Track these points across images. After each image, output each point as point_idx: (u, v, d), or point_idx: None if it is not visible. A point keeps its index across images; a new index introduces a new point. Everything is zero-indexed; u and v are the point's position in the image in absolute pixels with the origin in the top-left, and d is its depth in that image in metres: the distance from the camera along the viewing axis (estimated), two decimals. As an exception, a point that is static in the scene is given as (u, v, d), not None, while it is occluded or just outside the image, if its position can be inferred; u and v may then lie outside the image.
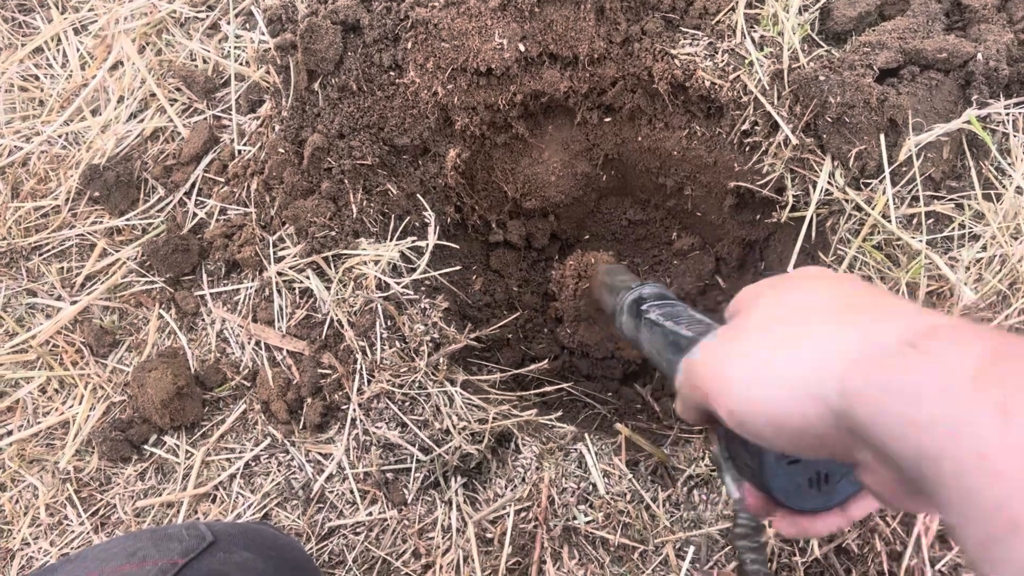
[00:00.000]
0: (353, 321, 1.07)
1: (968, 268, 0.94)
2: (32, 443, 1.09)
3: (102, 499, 1.06)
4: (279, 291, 1.11)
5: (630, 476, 1.02)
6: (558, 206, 1.34)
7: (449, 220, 1.23)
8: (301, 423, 1.07)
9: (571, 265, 1.32)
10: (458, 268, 1.12)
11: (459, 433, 1.02)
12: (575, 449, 1.05)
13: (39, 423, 1.09)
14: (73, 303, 1.13)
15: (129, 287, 1.15)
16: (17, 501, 1.07)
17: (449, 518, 1.01)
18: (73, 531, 1.05)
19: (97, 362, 1.12)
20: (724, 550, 0.97)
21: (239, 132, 1.17)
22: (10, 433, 1.09)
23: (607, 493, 1.01)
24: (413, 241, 1.10)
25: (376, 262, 1.07)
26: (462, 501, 1.02)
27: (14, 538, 1.05)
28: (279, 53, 1.12)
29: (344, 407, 1.06)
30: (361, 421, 1.04)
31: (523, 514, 1.00)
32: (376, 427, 1.04)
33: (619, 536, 0.99)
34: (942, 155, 1.03)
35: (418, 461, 1.02)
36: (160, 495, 1.05)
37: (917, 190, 1.03)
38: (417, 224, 1.15)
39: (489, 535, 1.00)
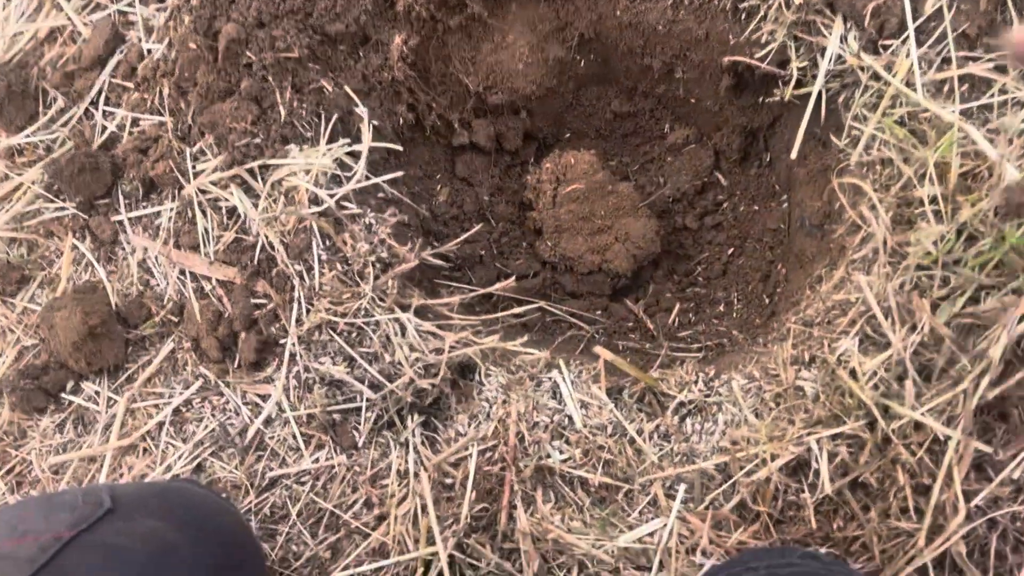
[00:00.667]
0: (287, 242, 0.92)
1: (1011, 141, 0.77)
2: (-63, 396, 0.96)
3: (16, 455, 0.94)
4: (202, 211, 0.96)
5: (611, 406, 0.88)
6: (530, 99, 1.16)
7: (402, 121, 1.07)
8: (235, 361, 0.93)
9: (548, 169, 1.15)
10: (401, 174, 0.96)
11: (412, 366, 0.88)
12: (548, 378, 0.91)
13: (-57, 373, 0.97)
14: (-26, 236, 0.99)
15: (37, 215, 1.01)
16: (-75, 461, 0.95)
17: (405, 462, 0.88)
18: (-13, 492, 0.93)
19: (4, 302, 0.99)
20: (721, 487, 0.83)
21: (146, 28, 1.01)
22: (-88, 386, 0.96)
23: (585, 427, 0.87)
24: (350, 145, 0.94)
25: (308, 171, 0.92)
26: (419, 442, 0.88)
27: (-77, 502, 0.94)
28: (181, -72, 0.95)
29: (282, 341, 0.92)
30: (301, 356, 0.91)
31: (489, 454, 0.87)
32: (319, 363, 0.90)
33: (600, 475, 0.86)
34: (978, 6, 0.85)
35: (368, 400, 0.88)
36: (80, 448, 0.93)
37: (948, 50, 0.85)
38: (358, 126, 0.99)
39: (450, 480, 0.86)
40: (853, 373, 0.79)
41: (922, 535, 0.74)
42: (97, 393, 0.95)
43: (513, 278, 0.95)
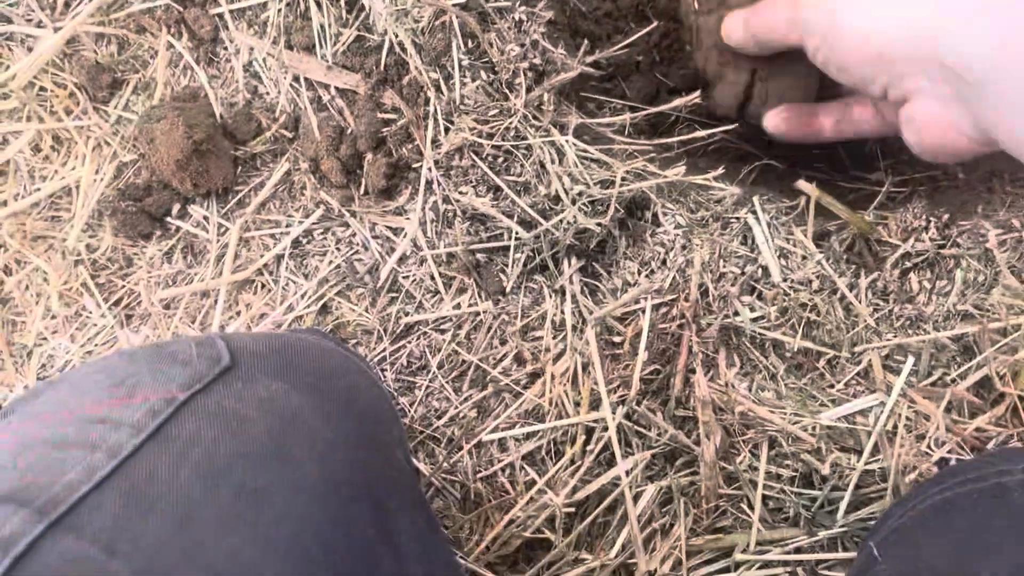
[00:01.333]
0: (420, 43, 0.75)
1: None
2: (33, 215, 0.86)
3: (124, 285, 0.84)
4: (318, 2, 0.79)
5: (819, 256, 0.72)
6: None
7: None
8: (362, 187, 0.79)
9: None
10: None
11: (573, 202, 0.72)
12: (738, 219, 0.75)
13: (37, 190, 0.86)
14: (56, 30, 0.85)
15: (125, 6, 0.85)
16: (27, 288, 0.86)
17: (562, 312, 0.75)
18: (95, 324, 0.84)
19: (97, 109, 0.86)
20: (959, 364, 0.67)
21: None
22: (5, 204, 0.86)
23: (784, 280, 0.72)
24: (500, -85, 0.74)
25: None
26: (579, 291, 0.74)
27: (29, 332, 0.85)
28: None
29: (416, 165, 0.77)
30: (440, 184, 0.76)
31: (664, 310, 0.73)
32: (460, 192, 0.75)
33: (800, 338, 0.71)
34: None
35: (518, 238, 0.74)
36: (191, 281, 0.82)
37: None
38: None
39: (618, 338, 0.73)
40: None
41: None
42: (206, 219, 0.83)
43: (697, 94, 0.77)
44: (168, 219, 0.84)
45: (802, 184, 0.73)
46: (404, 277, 0.78)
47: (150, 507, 0.41)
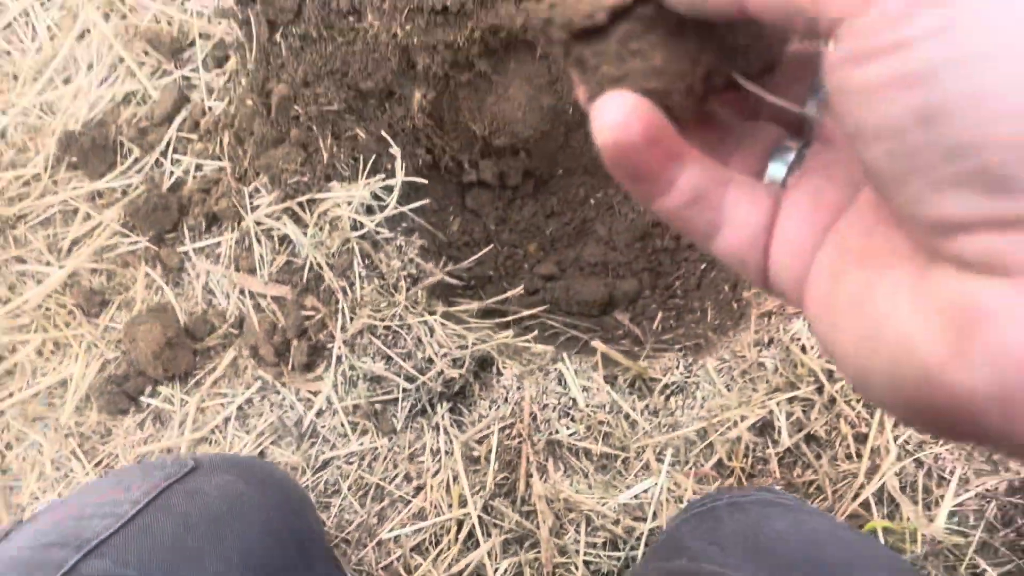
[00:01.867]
0: (332, 263, 1.10)
1: None
2: (33, 403, 1.13)
3: (104, 450, 1.10)
4: (258, 240, 1.14)
5: (608, 389, 1.06)
6: (528, 142, 1.36)
7: (421, 162, 1.26)
8: (289, 364, 1.11)
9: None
10: (427, 201, 1.15)
11: (441, 359, 1.05)
12: (554, 369, 1.09)
13: (38, 383, 1.13)
14: (61, 267, 1.17)
15: (115, 248, 1.18)
16: (24, 459, 1.12)
17: (437, 441, 1.05)
18: (79, 481, 1.09)
19: (89, 321, 1.16)
20: (700, 449, 1.00)
21: (208, 89, 1.20)
22: (11, 395, 1.13)
23: (587, 406, 1.05)
24: (383, 179, 1.13)
25: (349, 203, 1.10)
26: (448, 424, 1.06)
27: (23, 493, 1.09)
28: (239, 7, 1.15)
29: (329, 345, 1.09)
30: (347, 357, 1.08)
31: (507, 431, 1.04)
32: (361, 362, 1.07)
33: (601, 445, 1.03)
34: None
35: (404, 390, 1.06)
36: (160, 441, 1.10)
37: None
38: (388, 166, 1.18)
39: (476, 454, 1.04)
40: (803, 348, 0.98)
41: (862, 473, 0.92)
42: (172, 396, 1.11)
43: (521, 287, 1.14)
44: (142, 398, 1.12)
45: (596, 343, 1.08)
46: (321, 426, 1.08)
47: (151, 542, 0.69)
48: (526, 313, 1.13)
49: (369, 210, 1.12)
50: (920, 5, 0.26)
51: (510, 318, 1.14)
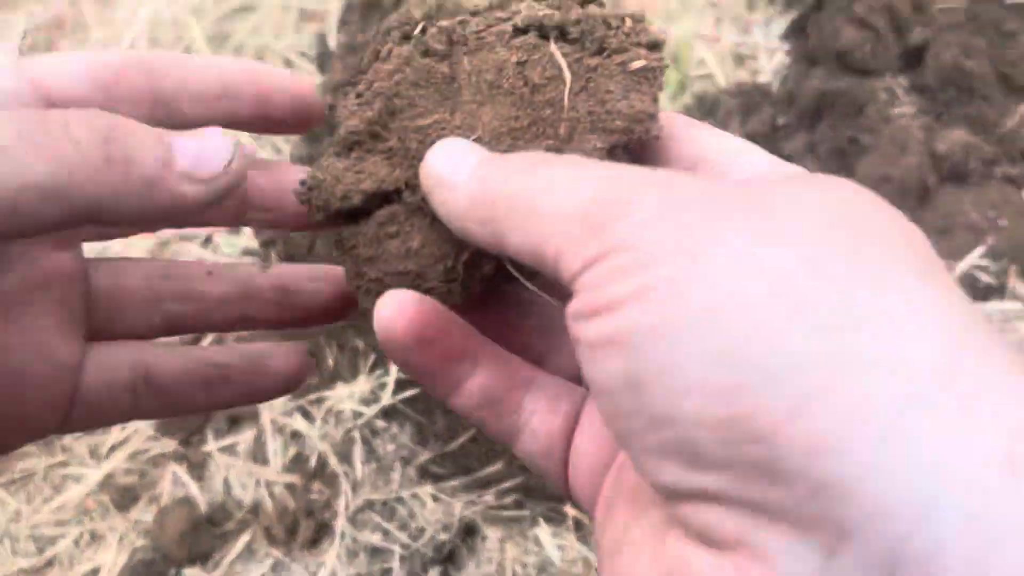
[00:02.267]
0: (336, 451, 1.29)
1: None
2: (67, 591, 1.26)
3: (130, 629, 1.22)
4: (272, 436, 1.33)
5: (579, 545, 1.21)
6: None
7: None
8: (298, 542, 1.26)
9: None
10: (417, 391, 1.36)
11: (431, 528, 1.21)
12: (531, 533, 1.25)
13: (74, 571, 1.27)
14: (99, 469, 1.35)
15: (147, 452, 1.37)
16: (55, 643, 1.23)
17: (430, 603, 1.19)
18: (105, 661, 1.20)
19: (121, 514, 1.32)
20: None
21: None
22: (47, 585, 1.26)
23: (562, 561, 1.20)
24: (379, 376, 1.35)
25: (351, 398, 1.31)
26: (440, 586, 1.20)
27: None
28: (263, 249, 1.43)
29: (334, 522, 1.25)
30: (349, 532, 1.24)
31: (492, 588, 1.18)
32: (362, 535, 1.23)
33: (575, 596, 1.17)
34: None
35: (400, 558, 1.21)
36: (180, 618, 1.22)
37: None
38: (382, 367, 1.40)
39: (465, 609, 1.17)
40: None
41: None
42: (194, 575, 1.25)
43: (500, 464, 1.32)
44: (165, 580, 1.26)
45: (567, 509, 1.25)
46: (327, 595, 1.21)
47: None
48: (507, 485, 1.30)
49: (368, 403, 1.33)
50: (627, 269, 0.28)
51: (492, 490, 1.31)
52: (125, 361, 0.43)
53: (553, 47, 0.40)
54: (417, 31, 0.42)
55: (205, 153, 0.35)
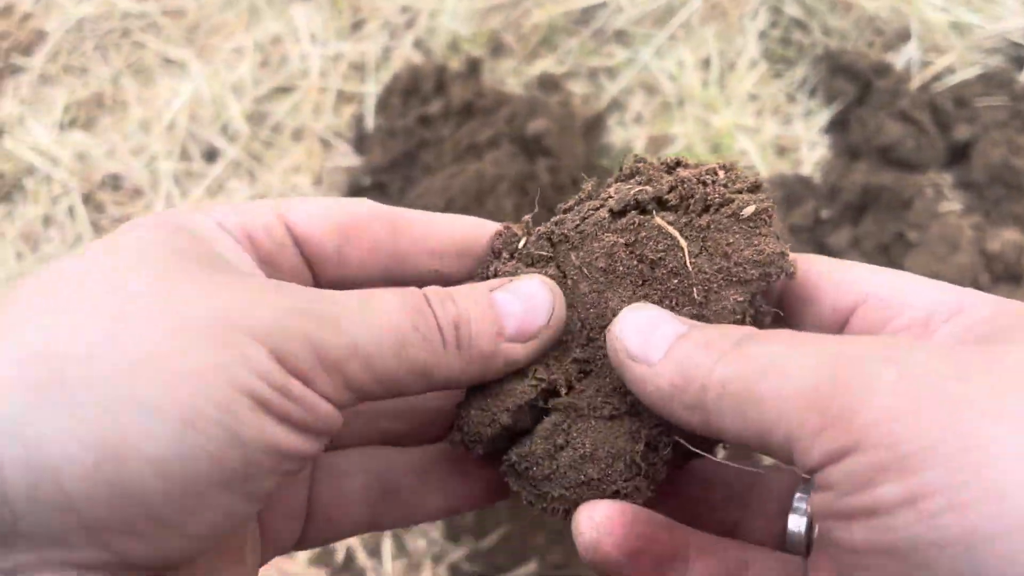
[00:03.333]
0: (364, 544, 1.25)
1: None
2: None
3: None
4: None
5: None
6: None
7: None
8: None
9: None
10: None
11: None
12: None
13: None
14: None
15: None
16: None
17: None
18: None
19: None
20: None
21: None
22: None
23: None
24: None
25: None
26: None
27: None
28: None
29: (360, 622, 1.20)
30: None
31: None
32: (390, 637, 1.18)
33: None
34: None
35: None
36: None
37: None
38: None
39: None
40: None
41: None
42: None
43: (534, 565, 1.27)
44: None
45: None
46: None
47: None
48: (539, 586, 1.25)
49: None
50: (889, 469, 0.25)
51: (524, 592, 1.26)
52: (357, 466, 0.43)
53: (658, 219, 0.40)
54: (521, 244, 0.42)
55: (530, 315, 0.37)
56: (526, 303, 0.37)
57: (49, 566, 0.29)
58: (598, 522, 0.35)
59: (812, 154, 1.53)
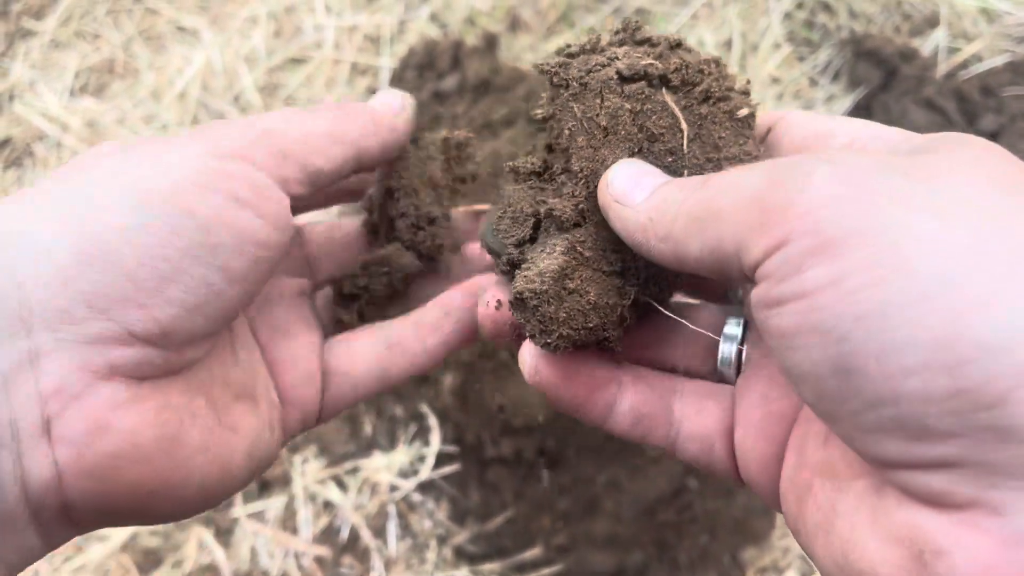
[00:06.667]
0: (370, 523, 1.24)
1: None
2: (81, 658, 1.20)
3: None
4: (304, 504, 1.28)
5: (622, 643, 1.14)
6: (543, 423, 1.54)
7: (448, 437, 1.43)
8: (325, 620, 1.20)
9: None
10: (458, 467, 1.31)
11: (467, 613, 1.15)
12: (572, 623, 1.18)
13: (89, 638, 1.21)
14: (125, 528, 1.29)
15: (172, 512, 1.32)
16: None
17: None
18: None
19: (143, 578, 1.26)
20: None
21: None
22: (62, 649, 1.20)
23: (603, 660, 1.13)
24: (420, 448, 1.29)
25: (388, 469, 1.26)
26: None
27: None
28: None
29: (364, 601, 1.19)
30: (379, 612, 1.18)
31: None
32: (393, 617, 1.17)
33: None
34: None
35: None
36: None
37: None
38: (421, 439, 1.35)
39: None
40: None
41: None
42: (213, 650, 1.19)
43: (539, 549, 1.26)
44: (184, 653, 1.19)
45: (608, 600, 1.18)
46: None
47: None
48: (545, 572, 1.24)
49: (404, 476, 1.28)
50: (816, 254, 0.28)
51: (529, 576, 1.25)
52: (361, 330, 0.54)
53: (667, 98, 0.43)
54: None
55: (394, 100, 0.53)
56: (387, 96, 0.53)
57: (63, 346, 0.35)
58: (538, 351, 0.42)
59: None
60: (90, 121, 1.73)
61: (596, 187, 0.42)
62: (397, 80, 1.61)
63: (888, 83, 1.48)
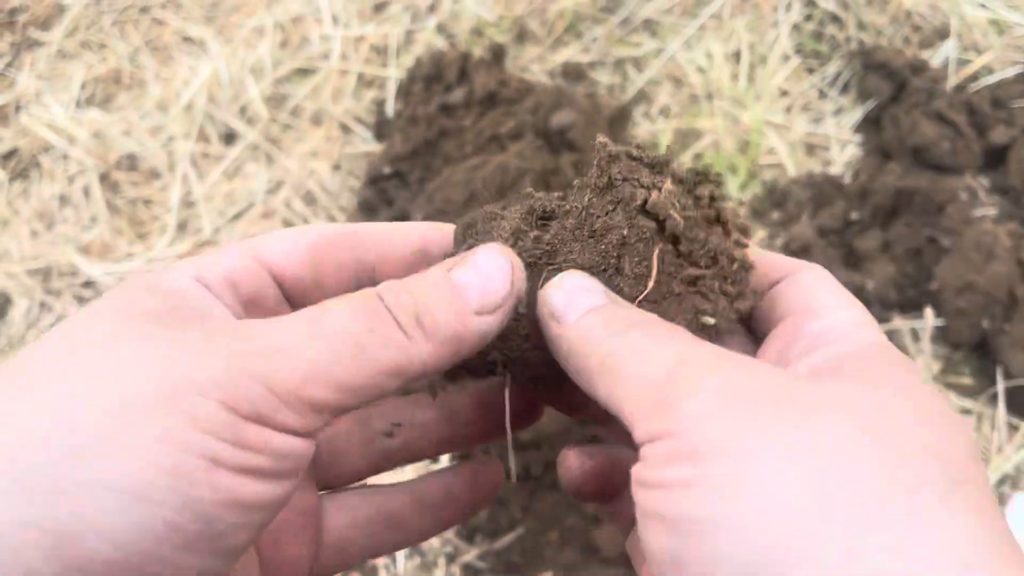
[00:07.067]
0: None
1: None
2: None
3: None
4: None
5: (632, 662, 1.14)
6: (549, 437, 1.54)
7: (455, 453, 1.43)
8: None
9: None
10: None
11: (476, 632, 1.14)
12: (581, 642, 1.17)
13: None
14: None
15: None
16: None
17: None
18: None
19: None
20: None
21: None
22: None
23: None
24: (428, 464, 1.29)
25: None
26: None
27: None
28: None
29: (372, 619, 1.19)
30: (387, 631, 1.17)
31: None
32: (401, 636, 1.16)
33: None
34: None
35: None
36: None
37: None
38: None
39: None
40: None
41: None
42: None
43: (550, 574, 1.25)
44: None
45: (618, 618, 1.18)
46: None
47: None
48: (552, 588, 1.23)
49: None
50: (683, 456, 0.31)
51: (538, 594, 1.24)
52: (360, 501, 0.48)
53: (656, 258, 0.41)
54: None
55: (491, 284, 0.38)
56: (485, 274, 0.38)
57: None
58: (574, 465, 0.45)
59: (843, 153, 1.49)
60: (96, 132, 1.72)
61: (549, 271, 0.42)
62: (404, 93, 1.61)
63: (898, 95, 1.47)
